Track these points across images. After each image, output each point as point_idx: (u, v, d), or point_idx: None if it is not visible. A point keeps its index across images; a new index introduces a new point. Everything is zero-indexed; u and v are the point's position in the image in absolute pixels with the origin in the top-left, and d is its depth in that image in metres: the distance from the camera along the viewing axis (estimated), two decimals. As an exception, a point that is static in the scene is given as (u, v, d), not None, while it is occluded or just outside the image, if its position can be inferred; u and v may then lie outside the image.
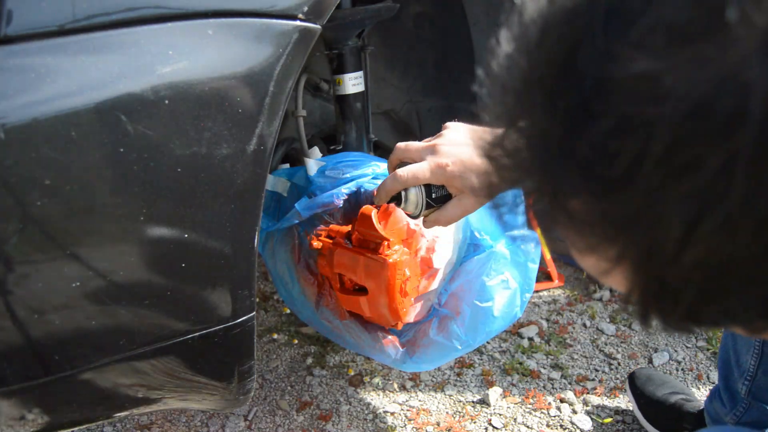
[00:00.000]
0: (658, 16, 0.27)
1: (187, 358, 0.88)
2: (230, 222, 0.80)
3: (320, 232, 1.21)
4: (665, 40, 0.27)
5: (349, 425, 1.46)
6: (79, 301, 0.75)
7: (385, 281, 1.07)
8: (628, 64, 0.28)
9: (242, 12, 0.76)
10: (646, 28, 0.28)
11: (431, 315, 1.21)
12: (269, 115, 0.79)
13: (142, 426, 1.47)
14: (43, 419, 0.84)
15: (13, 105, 0.64)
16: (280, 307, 1.86)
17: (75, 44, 0.67)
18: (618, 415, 1.47)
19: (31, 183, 0.67)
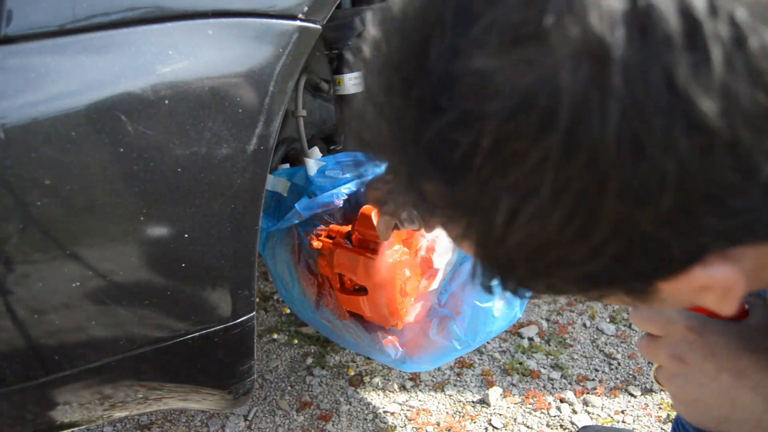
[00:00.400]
0: (494, 17, 0.29)
1: (187, 358, 0.88)
2: (230, 222, 0.80)
3: (320, 232, 1.21)
4: (498, 40, 0.29)
5: (349, 425, 1.46)
6: (79, 301, 0.75)
7: (385, 281, 1.07)
8: (467, 61, 0.30)
9: (242, 12, 0.76)
10: (484, 28, 0.30)
11: (431, 315, 1.21)
12: (269, 115, 0.79)
13: (142, 426, 1.47)
14: (43, 419, 0.84)
15: (13, 105, 0.65)
16: (280, 307, 1.86)
17: (75, 44, 0.67)
18: (618, 415, 1.47)
19: (31, 183, 0.67)
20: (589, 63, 0.28)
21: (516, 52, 0.29)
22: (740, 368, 0.53)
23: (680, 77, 0.27)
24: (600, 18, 0.27)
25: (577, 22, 0.27)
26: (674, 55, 0.27)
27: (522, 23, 0.29)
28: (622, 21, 0.27)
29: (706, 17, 0.27)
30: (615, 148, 0.28)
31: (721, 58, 0.27)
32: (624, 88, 0.27)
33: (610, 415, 1.47)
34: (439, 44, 0.32)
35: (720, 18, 0.27)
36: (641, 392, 1.53)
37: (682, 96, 0.27)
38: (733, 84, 0.27)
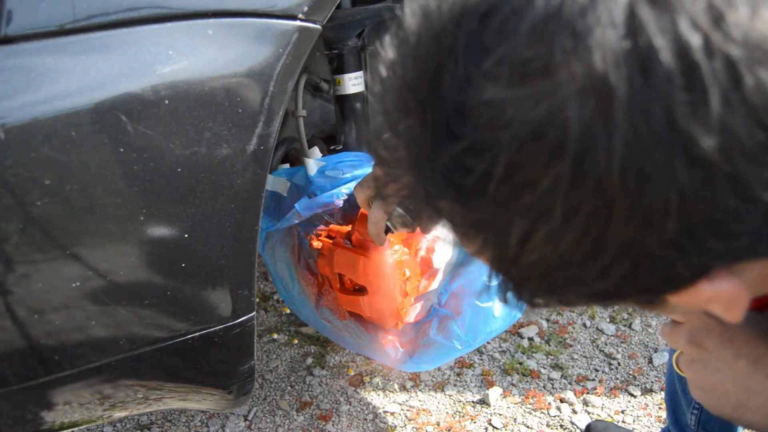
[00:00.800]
0: (506, 50, 0.31)
1: (187, 358, 0.88)
2: (230, 222, 0.80)
3: (320, 232, 1.21)
4: (509, 73, 0.31)
5: (349, 425, 1.46)
6: (79, 301, 0.75)
7: (385, 281, 1.07)
8: (480, 92, 0.32)
9: (242, 12, 0.76)
10: (496, 61, 0.31)
11: (431, 315, 1.21)
12: (269, 115, 0.79)
13: (142, 426, 1.47)
14: (43, 419, 0.84)
15: (13, 105, 0.64)
16: (280, 307, 1.86)
17: (75, 44, 0.67)
18: (618, 415, 1.47)
19: (31, 183, 0.67)
20: (594, 99, 0.29)
21: (526, 86, 0.30)
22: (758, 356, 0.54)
23: (680, 115, 0.29)
24: (603, 58, 0.29)
25: (582, 61, 0.29)
26: (674, 94, 0.29)
27: (531, 59, 0.30)
28: (624, 61, 0.29)
29: (703, 58, 0.28)
30: (620, 177, 0.30)
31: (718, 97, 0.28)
32: (627, 124, 0.29)
33: (610, 415, 1.47)
34: (452, 73, 0.33)
35: (716, 58, 0.28)
36: (641, 392, 1.53)
37: (683, 132, 0.29)
38: (731, 121, 0.29)
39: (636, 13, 0.29)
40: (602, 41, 0.29)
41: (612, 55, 0.29)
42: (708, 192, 0.30)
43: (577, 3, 0.30)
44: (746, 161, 0.30)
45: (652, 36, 0.28)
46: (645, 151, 0.29)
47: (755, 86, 0.28)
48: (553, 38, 0.30)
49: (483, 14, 0.32)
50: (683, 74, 0.28)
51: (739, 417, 0.56)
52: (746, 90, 0.29)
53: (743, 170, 0.30)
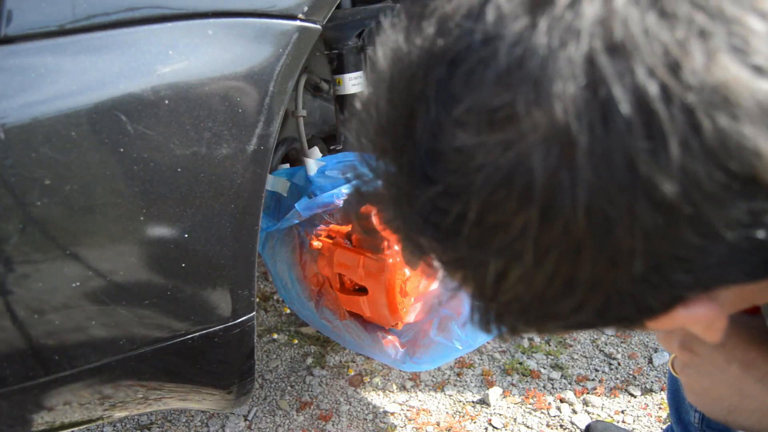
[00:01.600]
0: (474, 99, 0.32)
1: (187, 358, 0.88)
2: (230, 222, 0.80)
3: (320, 232, 1.21)
4: (477, 121, 0.32)
5: (349, 425, 1.46)
6: (79, 301, 0.75)
7: (385, 281, 1.07)
8: (451, 138, 0.33)
9: (242, 12, 0.76)
10: (465, 109, 0.32)
11: (432, 315, 1.21)
12: (269, 115, 0.79)
13: (142, 426, 1.47)
14: (43, 419, 0.84)
15: (13, 105, 0.64)
16: (280, 307, 1.86)
17: (75, 44, 0.67)
18: (618, 415, 1.47)
19: (31, 183, 0.67)
20: (557, 148, 0.30)
21: (494, 133, 0.31)
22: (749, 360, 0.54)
23: (641, 162, 0.29)
24: (564, 108, 0.29)
25: (544, 111, 0.30)
26: (634, 142, 0.29)
27: (498, 108, 0.31)
28: (585, 110, 0.29)
29: (661, 105, 0.29)
30: (585, 222, 0.31)
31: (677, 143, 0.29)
32: (590, 171, 0.30)
33: (610, 415, 1.47)
34: (424, 119, 0.34)
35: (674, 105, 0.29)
36: (641, 392, 1.53)
37: (644, 178, 0.30)
38: (691, 165, 0.29)
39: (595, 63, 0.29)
40: (563, 92, 0.29)
41: (573, 105, 0.29)
42: (671, 232, 0.31)
43: (537, 54, 0.30)
44: (708, 203, 0.30)
45: (611, 85, 0.29)
46: (608, 197, 0.30)
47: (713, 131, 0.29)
48: (516, 88, 0.30)
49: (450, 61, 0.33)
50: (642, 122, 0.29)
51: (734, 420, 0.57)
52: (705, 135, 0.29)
53: (705, 211, 0.30)
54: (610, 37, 0.29)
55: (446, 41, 0.33)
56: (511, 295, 0.35)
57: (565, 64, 0.29)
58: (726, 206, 0.31)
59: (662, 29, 0.29)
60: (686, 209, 0.30)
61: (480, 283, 0.36)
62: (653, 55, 0.29)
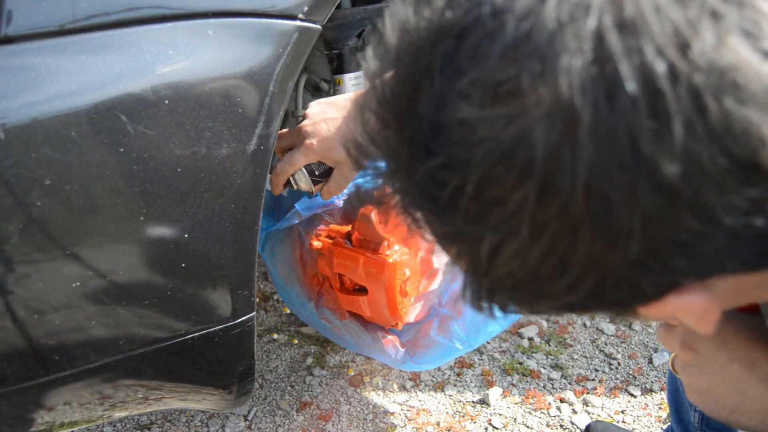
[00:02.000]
0: (479, 72, 0.32)
1: (187, 358, 0.88)
2: (230, 222, 0.80)
3: (320, 232, 1.21)
4: (482, 94, 0.31)
5: (349, 425, 1.46)
6: (79, 301, 0.75)
7: (385, 281, 1.07)
8: (454, 111, 0.32)
9: (242, 12, 0.76)
10: (470, 81, 0.32)
11: (432, 315, 1.21)
12: (269, 115, 0.79)
13: (142, 426, 1.47)
14: (43, 419, 0.84)
15: (13, 105, 0.64)
16: (280, 307, 1.86)
17: (75, 44, 0.67)
18: (618, 415, 1.47)
19: (31, 183, 0.67)
20: (560, 124, 0.30)
21: (497, 107, 0.31)
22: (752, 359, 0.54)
23: (644, 142, 0.29)
24: (570, 84, 0.29)
25: (549, 86, 0.30)
26: (638, 121, 0.29)
27: (502, 81, 0.31)
28: (591, 87, 0.29)
29: (668, 85, 0.28)
30: (584, 201, 0.30)
31: (682, 124, 0.29)
32: (592, 149, 0.29)
33: (610, 415, 1.47)
34: (428, 91, 0.34)
35: (681, 85, 0.28)
36: (641, 392, 1.53)
37: (646, 159, 0.29)
38: (694, 148, 0.29)
39: (604, 39, 0.29)
40: (569, 67, 0.29)
41: (578, 81, 0.29)
42: (671, 216, 0.31)
43: (546, 28, 0.30)
44: (709, 187, 0.30)
45: (618, 62, 0.29)
46: (608, 176, 0.30)
47: (719, 114, 0.29)
48: (522, 62, 0.30)
49: (458, 35, 0.33)
50: (648, 101, 0.29)
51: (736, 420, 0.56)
52: (710, 118, 0.29)
53: (706, 196, 0.30)
54: (621, 14, 0.29)
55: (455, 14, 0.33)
56: (504, 270, 0.35)
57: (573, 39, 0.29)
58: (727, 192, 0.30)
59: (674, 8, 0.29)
60: (687, 192, 0.30)
61: (474, 257, 0.36)
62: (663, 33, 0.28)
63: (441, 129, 0.33)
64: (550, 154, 0.30)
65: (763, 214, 0.31)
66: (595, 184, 0.30)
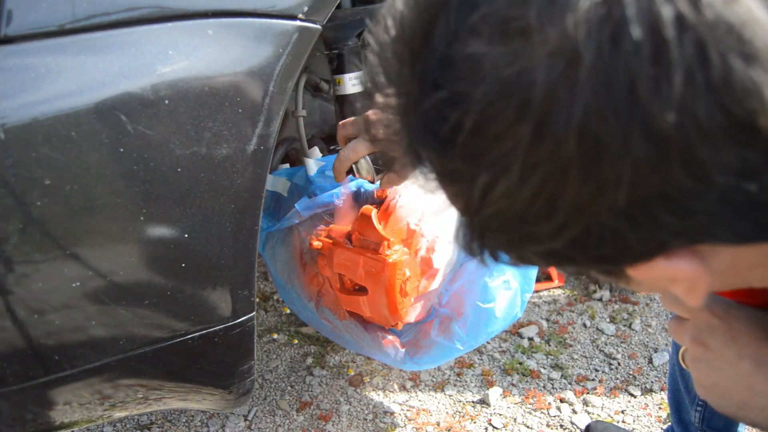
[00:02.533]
0: (490, 8, 0.32)
1: (187, 358, 0.88)
2: (230, 222, 0.80)
3: (320, 232, 1.21)
4: (490, 30, 0.32)
5: (349, 425, 1.46)
6: (79, 301, 0.75)
7: (385, 281, 1.07)
8: (463, 46, 0.33)
9: (242, 12, 0.76)
10: (481, 17, 0.32)
11: (432, 315, 1.21)
12: (269, 115, 0.79)
13: (142, 426, 1.47)
14: (43, 419, 0.84)
15: (13, 105, 0.64)
16: (280, 307, 1.86)
17: (75, 44, 0.67)
18: (618, 415, 1.47)
19: (31, 183, 0.67)
20: (562, 63, 0.30)
21: (504, 44, 0.31)
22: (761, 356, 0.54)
23: (642, 88, 0.29)
24: (575, 23, 0.29)
25: (555, 25, 0.30)
26: (639, 66, 0.29)
27: (511, 18, 0.31)
28: (596, 28, 0.29)
29: (673, 34, 0.28)
30: (576, 142, 0.30)
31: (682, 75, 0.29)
32: (589, 91, 0.29)
33: (610, 415, 1.47)
34: (443, 26, 0.34)
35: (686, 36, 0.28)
36: (641, 392, 1.53)
37: (642, 105, 0.29)
38: (692, 99, 0.29)
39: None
40: (577, 6, 0.29)
41: (584, 21, 0.29)
42: (662, 167, 0.31)
43: None
44: (703, 142, 0.30)
45: (626, 6, 0.29)
46: (603, 120, 0.30)
47: (722, 70, 0.28)
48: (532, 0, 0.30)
49: None
50: (651, 47, 0.29)
51: (744, 416, 0.56)
52: (712, 72, 0.28)
53: (699, 151, 0.30)
54: None
55: None
56: (494, 208, 0.35)
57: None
58: (721, 149, 0.30)
59: None
60: (679, 144, 0.30)
61: (468, 196, 0.36)
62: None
63: (449, 63, 0.34)
64: (548, 94, 0.30)
65: (756, 179, 0.31)
66: (588, 126, 0.30)
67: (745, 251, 0.36)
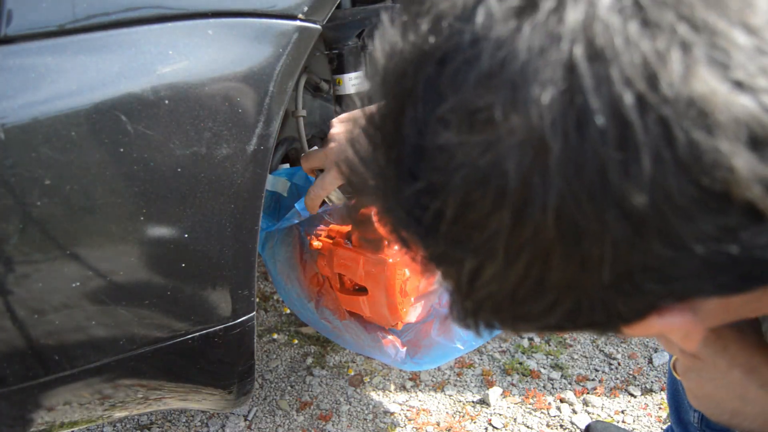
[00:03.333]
0: (458, 99, 0.32)
1: (187, 358, 0.88)
2: (230, 222, 0.80)
3: (320, 232, 1.21)
4: (459, 121, 0.32)
5: (349, 425, 1.46)
6: (79, 301, 0.75)
7: (385, 281, 1.07)
8: (434, 137, 0.33)
9: (242, 12, 0.76)
10: (449, 108, 0.32)
11: (432, 315, 1.21)
12: (269, 115, 0.79)
13: (142, 426, 1.47)
14: (43, 419, 0.84)
15: (13, 105, 0.64)
16: (280, 307, 1.86)
17: (75, 44, 0.67)
18: (618, 415, 1.47)
19: (31, 183, 0.67)
20: (531, 153, 0.30)
21: (474, 134, 0.31)
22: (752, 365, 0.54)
23: (612, 172, 0.29)
24: (540, 114, 0.29)
25: (520, 115, 0.30)
26: (607, 152, 0.29)
27: (479, 109, 0.31)
28: (560, 117, 0.29)
29: (636, 116, 0.29)
30: (555, 228, 0.31)
31: (650, 155, 0.29)
32: (561, 178, 0.30)
33: (610, 415, 1.47)
34: (412, 115, 0.34)
35: (649, 116, 0.28)
36: (641, 392, 1.53)
37: (614, 189, 0.30)
38: (663, 178, 0.29)
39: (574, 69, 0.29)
40: (539, 97, 0.29)
41: (548, 112, 0.29)
42: (640, 243, 0.31)
43: (518, 58, 0.30)
44: (678, 216, 0.30)
45: (587, 93, 0.29)
46: (578, 205, 0.30)
47: (687, 144, 0.29)
48: (496, 91, 0.31)
49: (439, 60, 0.33)
50: (616, 132, 0.29)
51: (738, 424, 0.57)
52: (679, 149, 0.29)
53: (675, 224, 0.30)
54: (591, 44, 0.29)
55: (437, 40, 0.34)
56: (484, 293, 0.36)
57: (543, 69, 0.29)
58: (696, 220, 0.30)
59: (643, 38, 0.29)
60: (655, 221, 0.30)
61: (457, 279, 0.37)
62: (632, 64, 0.28)
63: (423, 153, 0.34)
64: (523, 182, 0.31)
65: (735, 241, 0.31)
66: (565, 211, 0.30)
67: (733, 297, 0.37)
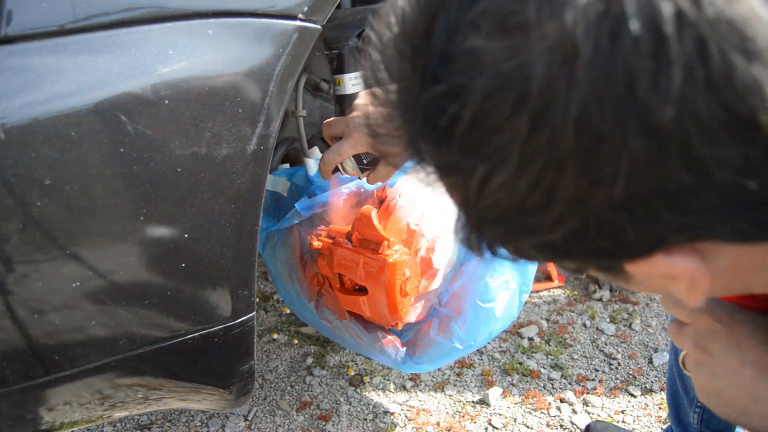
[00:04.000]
0: (491, 3, 0.32)
1: (187, 358, 0.88)
2: (230, 222, 0.80)
3: (320, 232, 1.21)
4: (490, 25, 0.32)
5: (349, 425, 1.46)
6: (79, 301, 0.75)
7: (385, 281, 1.07)
8: (463, 40, 0.33)
9: (242, 12, 0.76)
10: (480, 12, 0.33)
11: (432, 315, 1.21)
12: (269, 115, 0.79)
13: (142, 426, 1.47)
14: (43, 419, 0.84)
15: (13, 105, 0.64)
16: (280, 307, 1.86)
17: (75, 44, 0.67)
18: (618, 415, 1.47)
19: (31, 183, 0.67)
20: (560, 58, 0.30)
21: (503, 39, 0.31)
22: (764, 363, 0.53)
23: (640, 82, 0.29)
24: (575, 19, 0.29)
25: (554, 20, 0.30)
26: (638, 61, 0.29)
27: (510, 13, 0.31)
28: (595, 23, 0.29)
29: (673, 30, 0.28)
30: (573, 135, 0.31)
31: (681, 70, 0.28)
32: (587, 85, 0.29)
33: (610, 415, 1.47)
34: (443, 21, 0.35)
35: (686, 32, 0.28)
36: (641, 392, 1.53)
37: (640, 100, 0.29)
38: (691, 95, 0.29)
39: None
40: (576, 2, 0.29)
41: (583, 17, 0.29)
42: (660, 162, 0.31)
43: None
44: (702, 137, 0.30)
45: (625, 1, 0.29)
46: (600, 113, 0.30)
47: (722, 66, 0.28)
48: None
49: None
50: (650, 43, 0.28)
51: (746, 423, 0.55)
52: (713, 69, 0.28)
53: (698, 146, 0.30)
54: None
55: None
56: (491, 200, 0.35)
57: None
58: (720, 145, 0.30)
59: None
60: (678, 139, 0.30)
61: (466, 189, 0.37)
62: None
63: (449, 57, 0.34)
64: (546, 88, 0.30)
65: (756, 176, 0.31)
66: (586, 119, 0.30)
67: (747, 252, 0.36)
